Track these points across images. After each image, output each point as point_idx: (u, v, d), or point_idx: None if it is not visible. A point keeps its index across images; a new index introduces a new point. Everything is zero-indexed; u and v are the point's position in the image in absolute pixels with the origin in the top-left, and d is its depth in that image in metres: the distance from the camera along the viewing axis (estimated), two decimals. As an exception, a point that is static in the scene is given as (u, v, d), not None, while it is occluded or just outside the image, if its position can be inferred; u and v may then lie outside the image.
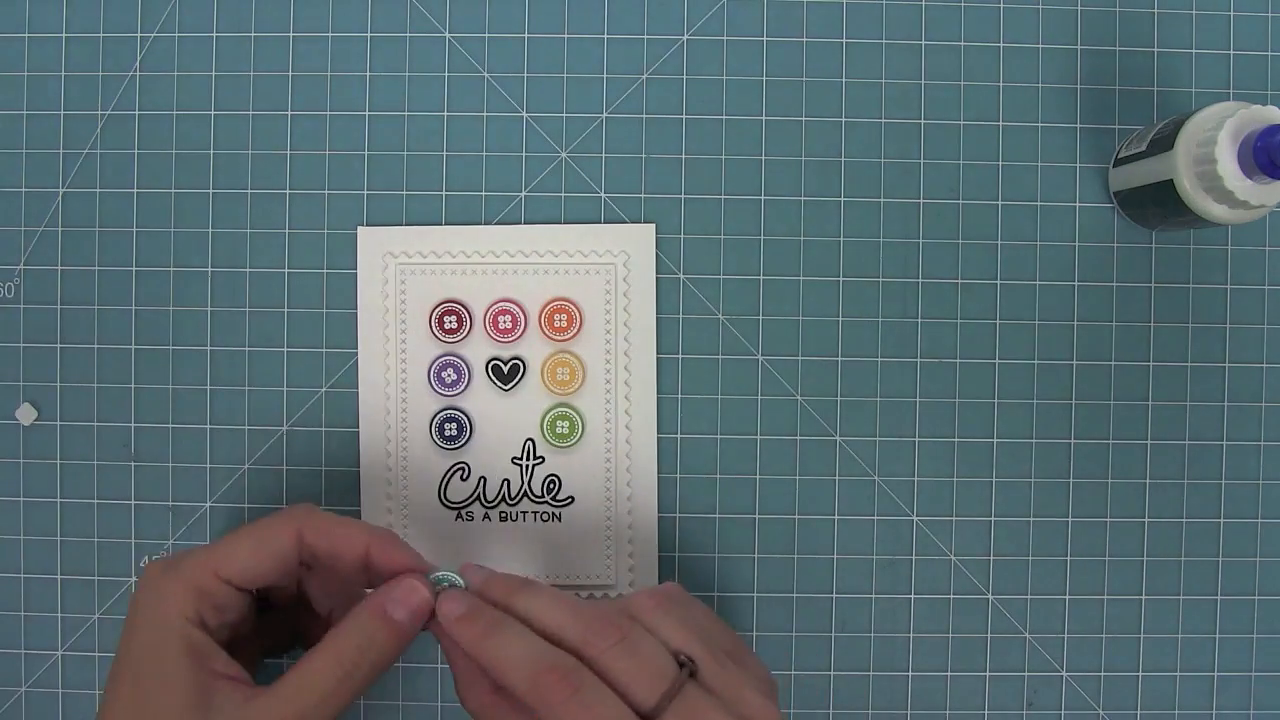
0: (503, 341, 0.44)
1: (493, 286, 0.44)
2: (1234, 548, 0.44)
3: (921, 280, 0.45)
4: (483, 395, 0.44)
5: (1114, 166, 0.44)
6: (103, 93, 0.45)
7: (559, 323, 0.44)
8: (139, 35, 0.45)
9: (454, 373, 0.44)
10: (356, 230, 0.44)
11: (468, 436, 0.44)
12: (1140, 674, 0.44)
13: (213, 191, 0.45)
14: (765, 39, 0.45)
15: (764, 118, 0.45)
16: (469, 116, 0.45)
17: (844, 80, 0.45)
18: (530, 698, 0.33)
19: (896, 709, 0.44)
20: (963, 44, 0.45)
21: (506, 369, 0.44)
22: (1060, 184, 0.45)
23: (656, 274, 0.44)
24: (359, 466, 0.44)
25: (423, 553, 0.38)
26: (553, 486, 0.44)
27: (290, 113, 0.45)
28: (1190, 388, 0.45)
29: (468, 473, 0.44)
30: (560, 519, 0.44)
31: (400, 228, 0.44)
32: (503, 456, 0.44)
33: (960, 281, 0.45)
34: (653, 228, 0.44)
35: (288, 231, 0.45)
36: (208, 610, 0.35)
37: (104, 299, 0.45)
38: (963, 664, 0.44)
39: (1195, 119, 0.39)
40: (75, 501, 0.45)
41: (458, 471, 0.44)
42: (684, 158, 0.45)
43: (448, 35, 0.45)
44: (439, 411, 0.44)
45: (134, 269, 0.45)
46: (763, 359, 0.44)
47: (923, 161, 0.45)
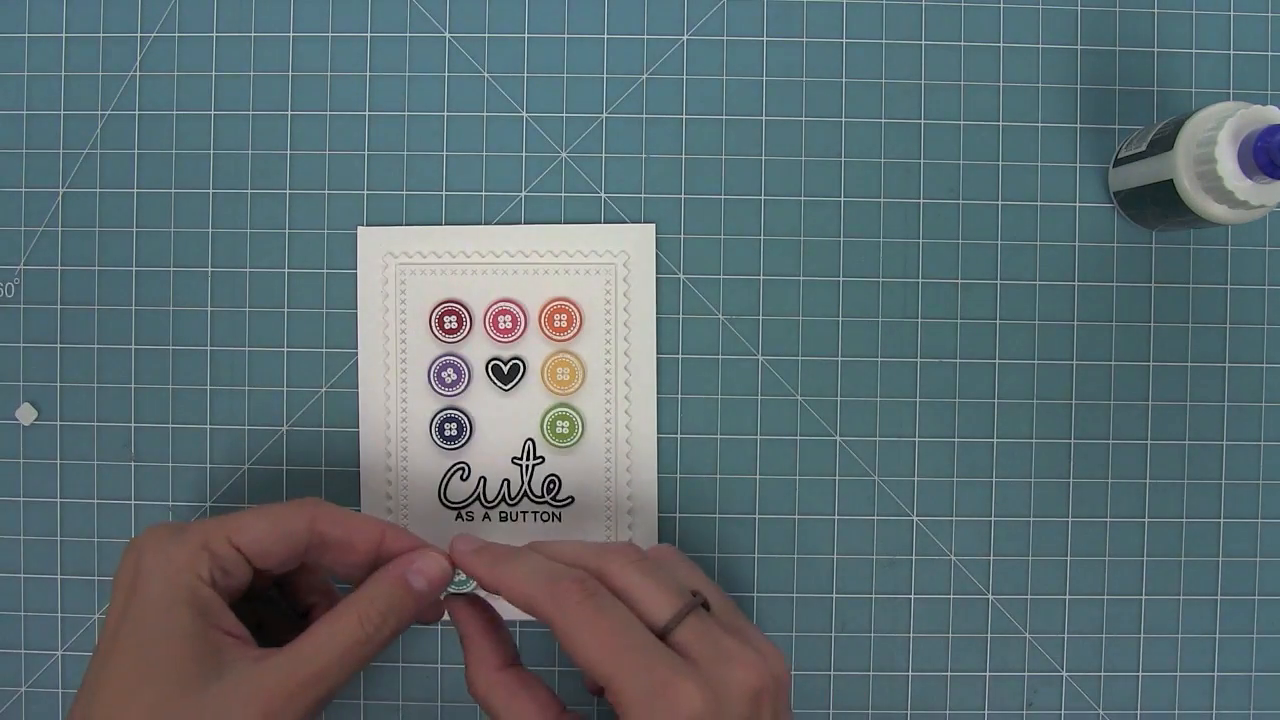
0: (503, 341, 0.44)
1: (493, 286, 0.44)
2: (1234, 548, 0.44)
3: (921, 280, 0.44)
4: (483, 395, 0.44)
5: (1114, 166, 0.44)
6: (103, 93, 0.45)
7: (559, 323, 0.44)
8: (139, 35, 0.45)
9: (454, 373, 0.44)
10: (356, 230, 0.44)
11: (468, 436, 0.44)
12: (1140, 674, 0.44)
13: (213, 191, 0.45)
14: (765, 39, 0.45)
15: (764, 118, 0.45)
16: (469, 116, 0.45)
17: (844, 80, 0.45)
18: (547, 606, 0.33)
19: (896, 709, 0.44)
20: (963, 44, 0.45)
21: (506, 369, 0.44)
22: (1060, 184, 0.45)
23: (656, 274, 0.44)
24: (359, 466, 0.44)
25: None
26: (553, 486, 0.44)
27: (290, 113, 0.45)
28: (1190, 388, 0.45)
29: (468, 473, 0.44)
30: (560, 519, 0.44)
31: (400, 228, 0.44)
32: (503, 456, 0.44)
33: (960, 281, 0.45)
34: (653, 228, 0.44)
35: (288, 231, 0.45)
36: (218, 573, 0.35)
37: (104, 299, 0.45)
38: (963, 664, 0.44)
39: (1195, 119, 0.39)
40: (75, 501, 0.45)
41: (458, 471, 0.44)
42: (684, 158, 0.45)
43: (448, 35, 0.45)
44: (439, 411, 0.44)
45: (134, 269, 0.45)
46: (763, 359, 0.44)
47: (923, 161, 0.45)
